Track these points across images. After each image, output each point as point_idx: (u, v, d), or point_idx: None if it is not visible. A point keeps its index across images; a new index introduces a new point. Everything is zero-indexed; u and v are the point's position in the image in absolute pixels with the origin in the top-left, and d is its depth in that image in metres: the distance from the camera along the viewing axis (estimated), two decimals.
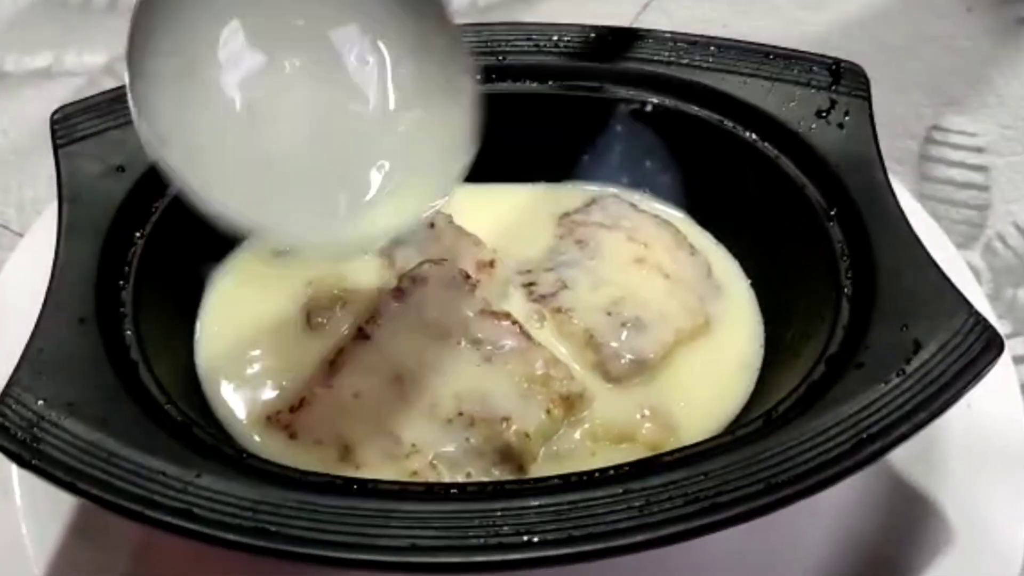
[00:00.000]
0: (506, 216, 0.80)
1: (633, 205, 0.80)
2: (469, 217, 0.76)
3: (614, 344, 0.70)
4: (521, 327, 0.68)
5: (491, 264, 0.73)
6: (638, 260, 0.75)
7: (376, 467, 0.64)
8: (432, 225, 0.75)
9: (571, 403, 0.67)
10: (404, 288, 0.68)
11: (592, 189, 0.82)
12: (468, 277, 0.69)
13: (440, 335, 0.67)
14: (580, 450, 0.66)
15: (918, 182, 1.00)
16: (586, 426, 0.67)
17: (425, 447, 0.65)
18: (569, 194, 0.82)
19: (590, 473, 0.58)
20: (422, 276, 0.69)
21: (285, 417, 0.66)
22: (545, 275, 0.75)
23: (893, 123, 1.02)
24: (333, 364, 0.67)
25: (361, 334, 0.67)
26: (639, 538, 0.54)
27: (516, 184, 0.83)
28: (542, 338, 0.71)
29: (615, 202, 0.80)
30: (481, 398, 0.65)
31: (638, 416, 0.68)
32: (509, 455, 0.65)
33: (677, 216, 0.81)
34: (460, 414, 0.65)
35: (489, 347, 0.67)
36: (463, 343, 0.67)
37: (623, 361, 0.69)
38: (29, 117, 1.05)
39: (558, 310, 0.72)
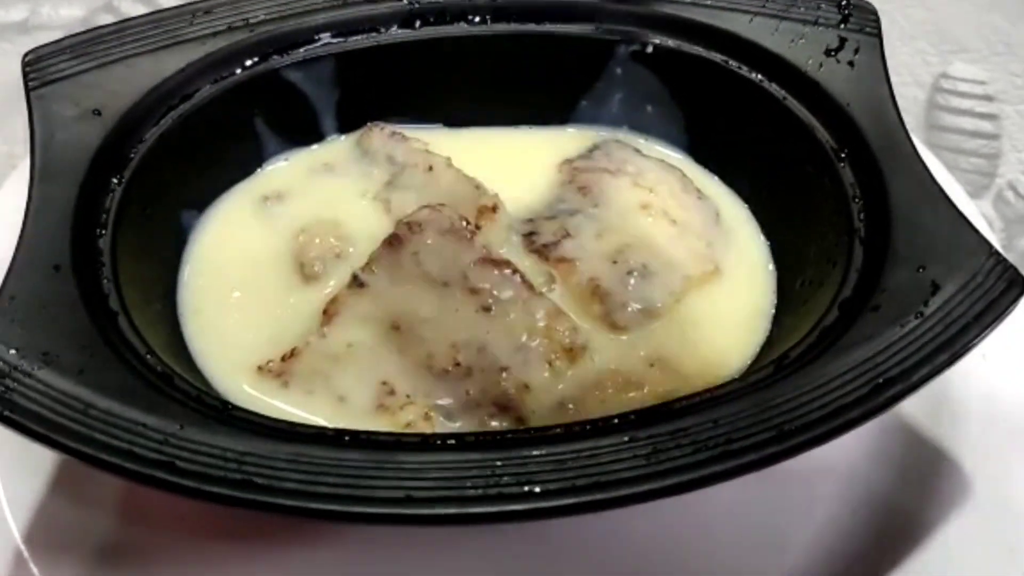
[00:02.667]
0: (505, 162, 0.77)
1: (637, 150, 0.77)
2: (468, 160, 0.73)
3: (620, 293, 0.67)
4: (523, 276, 0.65)
5: (493, 209, 0.69)
6: (644, 206, 0.72)
7: (369, 418, 0.61)
8: (430, 168, 0.72)
9: (574, 355, 0.64)
10: (401, 235, 0.65)
11: (594, 134, 0.79)
12: (468, 223, 0.66)
13: (438, 283, 0.64)
14: (588, 399, 0.63)
15: (926, 131, 0.97)
16: (592, 376, 0.64)
17: (420, 398, 0.62)
18: (570, 139, 0.79)
19: (593, 421, 0.55)
20: (419, 222, 0.65)
21: (276, 366, 0.63)
22: (547, 224, 0.72)
23: (899, 71, 1.00)
24: (327, 313, 0.64)
25: (356, 282, 0.65)
26: (646, 487, 0.51)
27: (514, 127, 0.80)
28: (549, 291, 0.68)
29: (619, 147, 0.77)
30: (479, 348, 0.63)
31: (648, 365, 0.65)
32: (507, 406, 0.62)
33: (682, 160, 0.78)
34: (457, 364, 0.62)
35: (489, 296, 0.64)
36: (462, 292, 0.64)
37: (630, 310, 0.66)
38: (5, 71, 1.00)
39: (561, 260, 0.69)
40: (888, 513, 0.65)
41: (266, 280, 0.69)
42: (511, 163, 0.77)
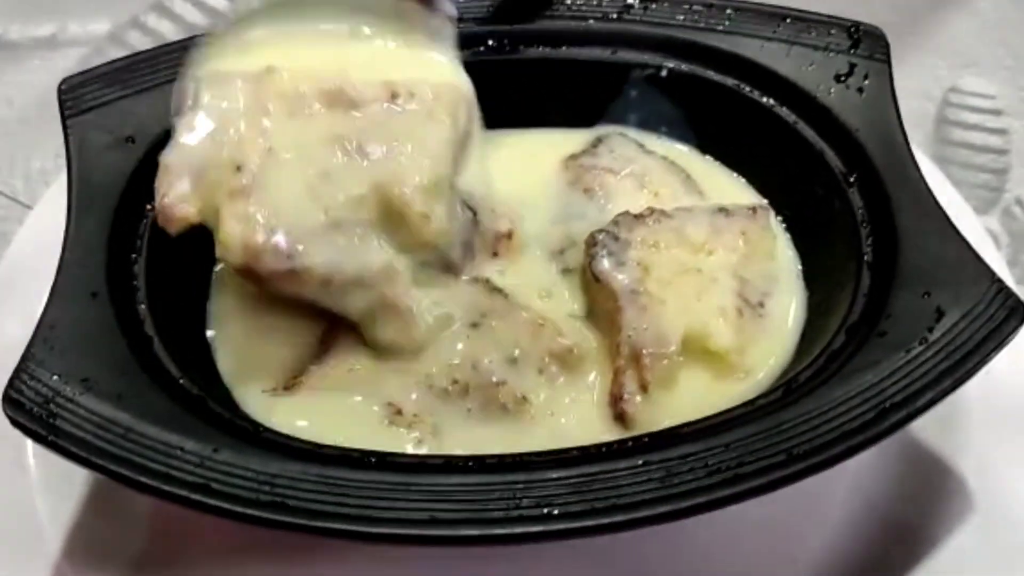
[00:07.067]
0: (509, 162, 0.77)
1: (641, 144, 0.78)
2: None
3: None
4: (501, 291, 0.67)
5: (509, 236, 0.71)
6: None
7: (380, 437, 0.63)
8: None
9: (564, 359, 0.66)
10: None
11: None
12: None
13: None
14: None
15: (935, 145, 0.99)
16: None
17: (426, 415, 0.64)
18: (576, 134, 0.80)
19: (609, 444, 0.58)
20: None
21: (283, 391, 0.65)
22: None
23: (909, 85, 1.01)
24: (323, 342, 0.66)
25: None
26: (661, 509, 0.54)
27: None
28: (560, 302, 0.70)
29: (621, 141, 0.78)
30: (473, 365, 0.65)
31: None
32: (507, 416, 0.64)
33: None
34: (455, 382, 0.65)
35: (474, 314, 0.67)
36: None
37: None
38: (35, 85, 1.03)
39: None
40: (890, 524, 0.67)
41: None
42: (516, 163, 0.77)
